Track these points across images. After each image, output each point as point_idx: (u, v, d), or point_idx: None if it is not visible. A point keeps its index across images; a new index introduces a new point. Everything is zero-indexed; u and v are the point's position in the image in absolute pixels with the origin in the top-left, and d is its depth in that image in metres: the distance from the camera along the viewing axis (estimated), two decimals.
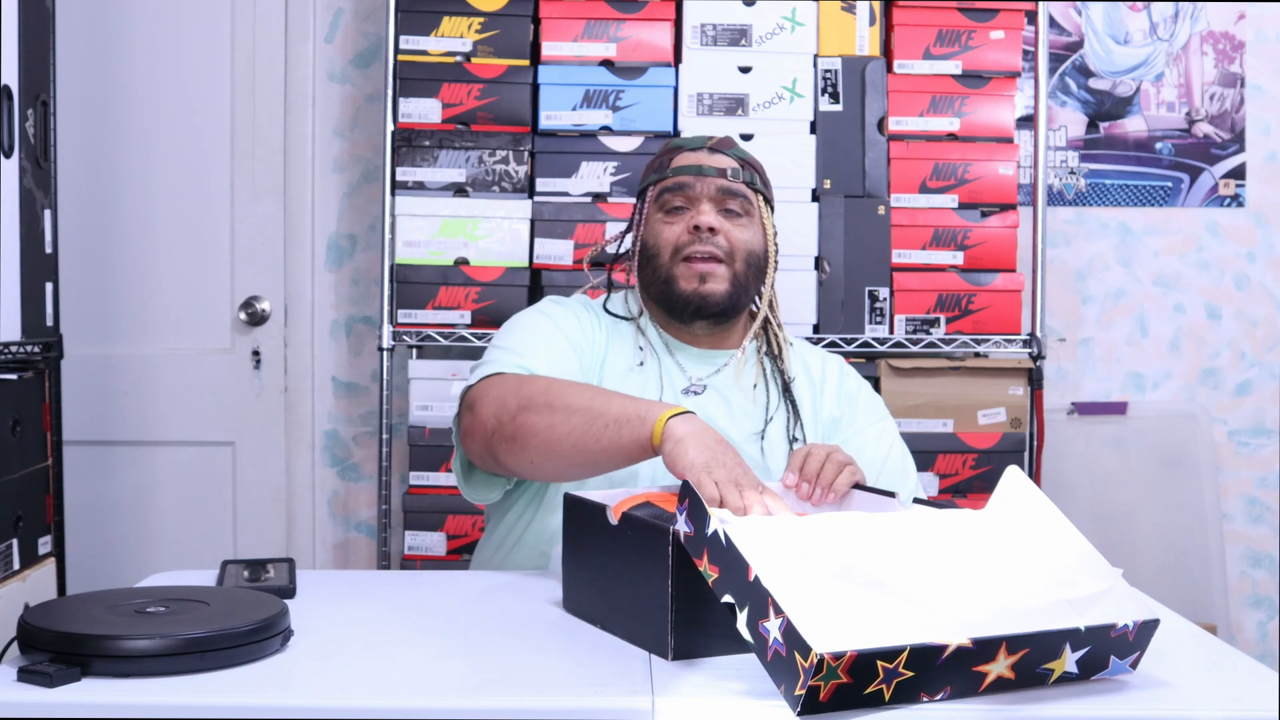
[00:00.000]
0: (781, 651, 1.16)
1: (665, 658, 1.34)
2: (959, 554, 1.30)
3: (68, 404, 2.58)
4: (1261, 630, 3.35)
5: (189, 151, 3.20)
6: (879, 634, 1.16)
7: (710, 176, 1.93)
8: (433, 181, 2.82)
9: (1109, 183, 3.32)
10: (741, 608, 1.21)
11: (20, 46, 2.33)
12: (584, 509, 1.50)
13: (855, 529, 1.31)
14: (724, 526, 1.24)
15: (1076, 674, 1.26)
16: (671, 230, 1.93)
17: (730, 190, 1.93)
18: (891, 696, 1.18)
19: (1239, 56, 3.33)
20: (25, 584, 2.24)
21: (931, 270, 2.87)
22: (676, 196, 1.94)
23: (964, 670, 1.20)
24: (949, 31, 2.89)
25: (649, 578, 1.36)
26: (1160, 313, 3.33)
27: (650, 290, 1.96)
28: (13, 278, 2.28)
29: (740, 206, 1.93)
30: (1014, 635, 1.20)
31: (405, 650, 1.38)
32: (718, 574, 1.25)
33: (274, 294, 3.22)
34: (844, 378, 2.04)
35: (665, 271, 1.92)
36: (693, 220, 1.91)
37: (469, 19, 2.83)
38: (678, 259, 1.91)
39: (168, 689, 1.23)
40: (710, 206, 1.92)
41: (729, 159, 1.96)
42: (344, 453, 3.26)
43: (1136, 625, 1.26)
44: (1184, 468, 3.24)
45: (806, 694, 1.14)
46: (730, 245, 1.91)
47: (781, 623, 1.16)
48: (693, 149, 1.97)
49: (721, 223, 1.91)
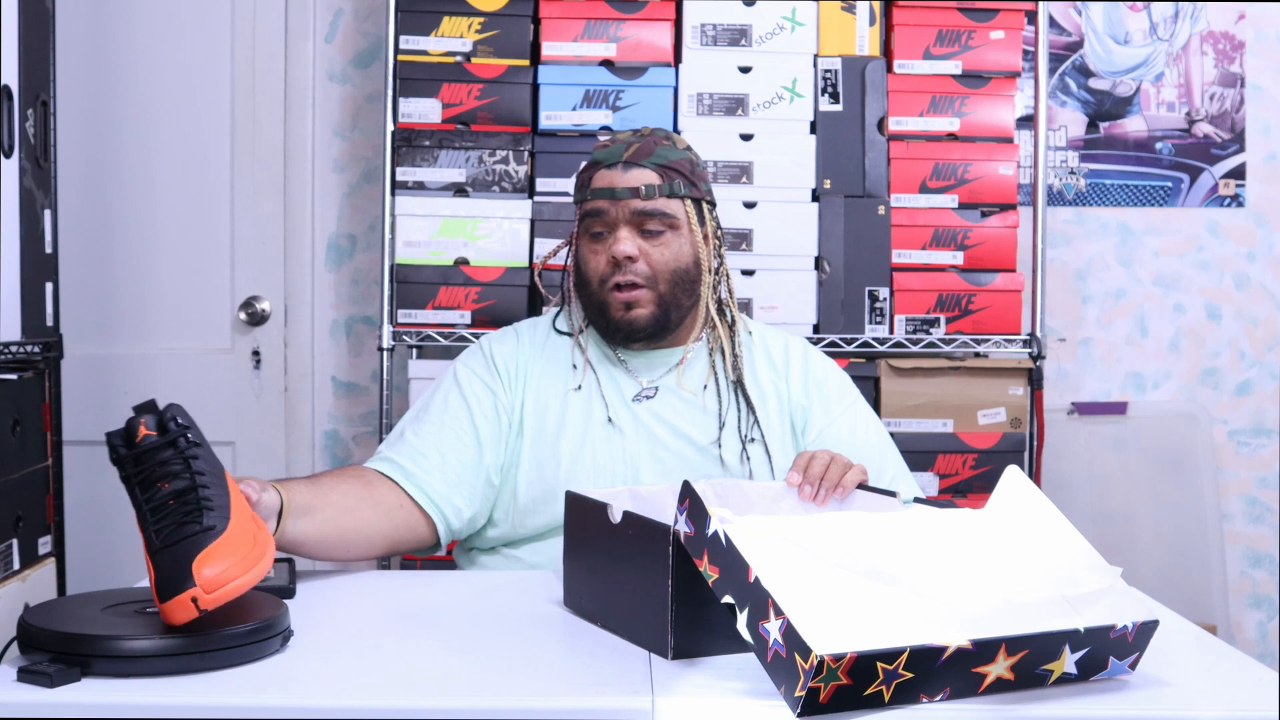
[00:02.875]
0: (782, 652, 1.16)
1: (665, 657, 1.34)
2: (958, 551, 1.30)
3: (68, 404, 2.58)
4: (1261, 630, 3.35)
5: (189, 151, 3.20)
6: (879, 635, 1.16)
7: (623, 199, 1.90)
8: (433, 181, 2.82)
9: (1109, 183, 3.32)
10: (742, 608, 1.21)
11: (20, 46, 2.33)
12: (586, 507, 1.50)
13: (855, 528, 1.31)
14: (724, 527, 1.24)
15: (1075, 675, 1.26)
16: (597, 260, 1.93)
17: (645, 211, 1.91)
18: (891, 698, 1.18)
19: (1239, 56, 3.33)
20: (25, 584, 2.24)
21: (931, 270, 2.87)
22: (596, 222, 1.93)
23: (964, 671, 1.20)
24: (949, 31, 2.89)
25: (650, 577, 1.36)
26: (1160, 313, 3.33)
27: (587, 313, 1.98)
28: (13, 278, 2.28)
29: (659, 224, 1.91)
30: (1013, 636, 1.20)
31: (405, 650, 1.38)
32: (718, 574, 1.25)
33: (274, 294, 3.22)
34: (809, 362, 2.02)
35: (596, 299, 1.94)
36: (610, 250, 1.90)
37: (469, 19, 2.83)
38: (605, 288, 1.92)
39: (168, 689, 1.23)
40: (628, 232, 1.91)
41: (645, 172, 1.91)
42: (344, 453, 3.26)
43: (1136, 626, 1.27)
44: (1184, 468, 3.24)
45: (806, 695, 1.14)
46: (652, 269, 1.91)
47: (781, 624, 1.16)
48: (609, 165, 1.93)
49: (640, 246, 1.90)
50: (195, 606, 1.27)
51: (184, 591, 1.27)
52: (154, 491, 1.35)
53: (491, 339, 2.03)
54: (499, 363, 1.97)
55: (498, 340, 2.02)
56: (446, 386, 1.96)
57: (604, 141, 1.99)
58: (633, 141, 1.95)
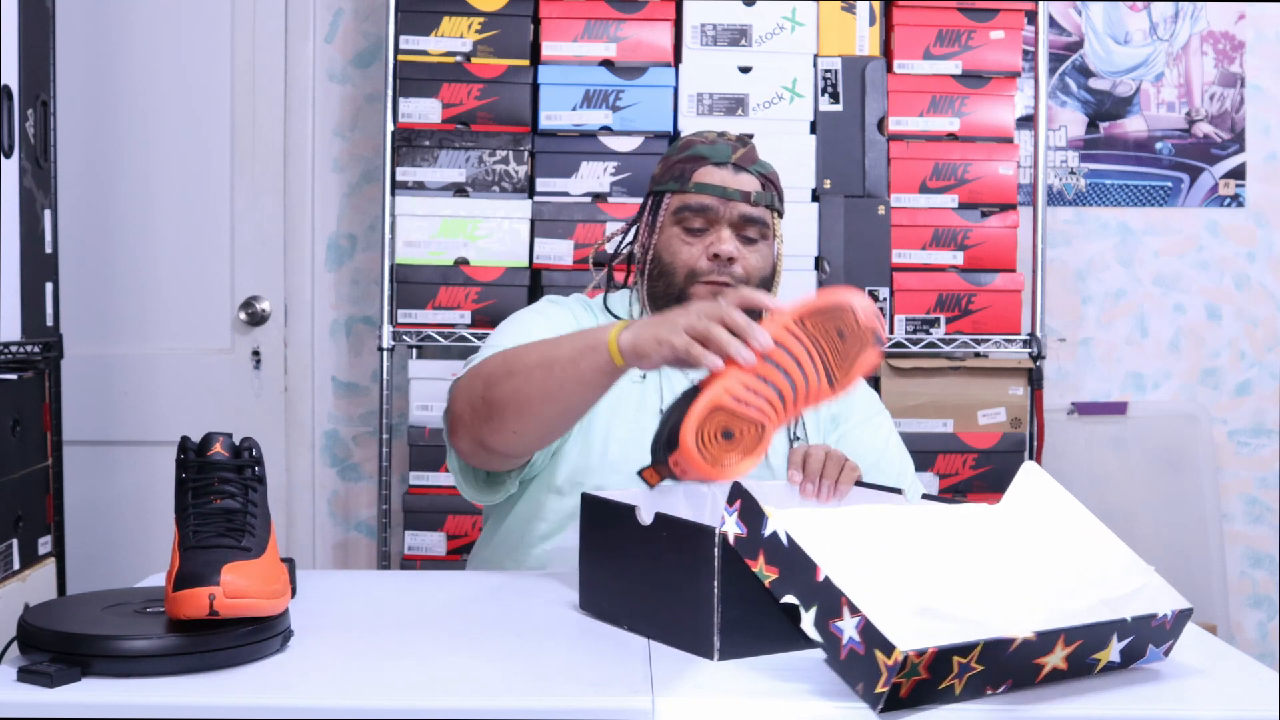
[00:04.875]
0: (859, 650, 1.17)
1: (710, 658, 1.34)
2: (996, 548, 1.34)
3: (68, 404, 2.58)
4: (1261, 630, 3.35)
5: (189, 151, 3.20)
6: (950, 630, 1.18)
7: (734, 201, 1.89)
8: (433, 181, 2.82)
9: (1109, 183, 3.32)
10: (808, 608, 1.22)
11: (20, 46, 2.33)
12: (608, 509, 1.49)
13: (898, 525, 1.33)
14: (785, 527, 1.25)
15: (1119, 663, 1.30)
16: (689, 252, 1.90)
17: (749, 217, 1.90)
18: (962, 690, 1.20)
19: (1239, 56, 3.33)
20: (25, 584, 2.24)
21: (931, 270, 2.87)
22: (696, 217, 1.90)
23: (1026, 662, 1.23)
24: (949, 31, 2.89)
25: (690, 578, 1.36)
26: (1160, 313, 3.33)
27: (658, 303, 1.93)
28: (13, 278, 2.28)
29: (756, 232, 1.91)
30: (1071, 627, 1.24)
31: (405, 650, 1.38)
32: (777, 574, 1.25)
33: (274, 294, 3.22)
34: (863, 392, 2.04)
35: (678, 290, 1.90)
36: (712, 248, 1.88)
37: (469, 19, 2.83)
38: (693, 281, 1.89)
39: (168, 689, 1.23)
40: (730, 233, 1.89)
41: (752, 178, 1.92)
42: (344, 453, 3.26)
43: (1174, 614, 1.32)
44: (1184, 468, 3.24)
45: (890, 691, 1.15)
46: (745, 273, 1.89)
47: (858, 622, 1.17)
48: (717, 163, 1.92)
49: (739, 249, 1.89)
50: (210, 604, 1.28)
51: (204, 587, 1.28)
52: (205, 502, 1.39)
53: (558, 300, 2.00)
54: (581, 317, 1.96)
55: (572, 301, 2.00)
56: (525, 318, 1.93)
57: (701, 137, 1.97)
58: (735, 145, 1.94)
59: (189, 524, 1.37)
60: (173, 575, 1.32)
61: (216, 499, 1.39)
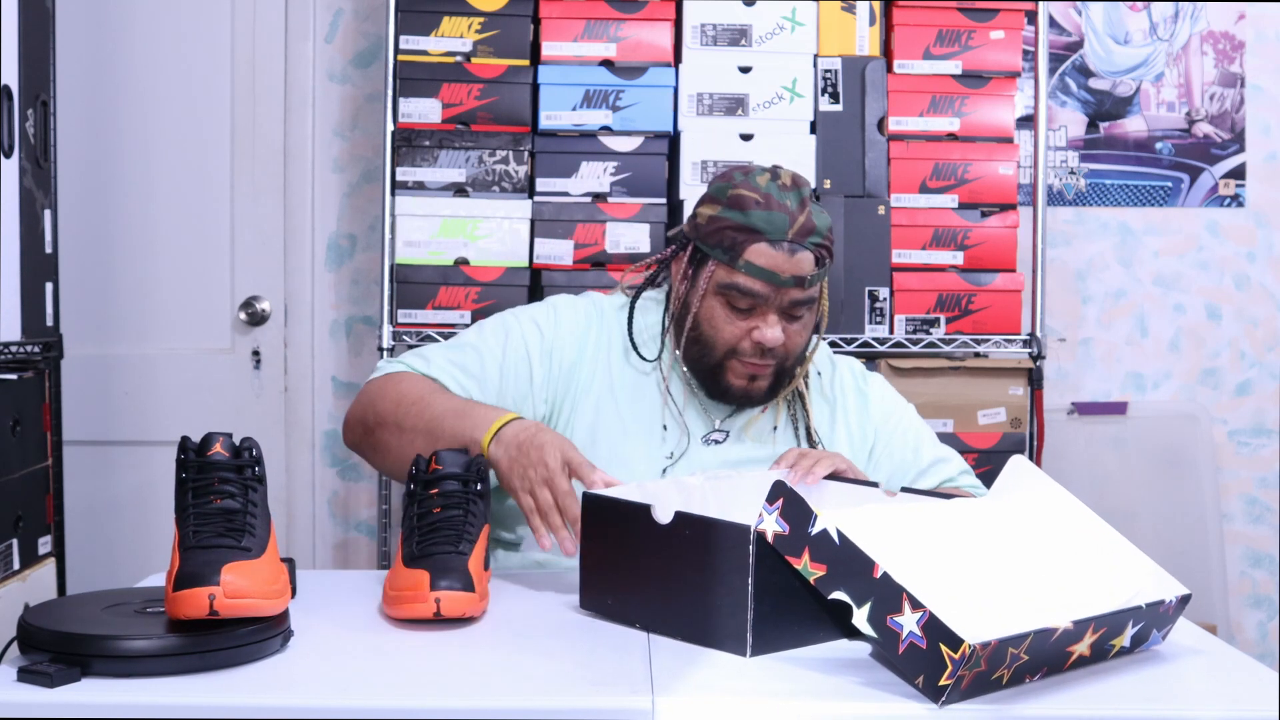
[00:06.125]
0: (920, 644, 1.19)
1: (742, 655, 1.35)
2: (1018, 547, 1.38)
3: (68, 404, 2.58)
4: (1261, 630, 3.35)
5: (189, 152, 3.20)
6: (999, 621, 1.21)
7: (787, 288, 1.77)
8: (433, 181, 2.82)
9: (1109, 183, 3.32)
10: (861, 604, 1.23)
11: (20, 46, 2.33)
12: (618, 509, 1.49)
13: (923, 522, 1.37)
14: (837, 525, 1.26)
15: (1129, 647, 1.34)
16: (731, 331, 1.80)
17: (799, 300, 1.79)
18: (1009, 680, 1.23)
19: (1239, 56, 3.33)
20: (25, 584, 2.24)
21: (931, 270, 2.87)
22: (744, 298, 1.78)
23: (1059, 651, 1.26)
24: (949, 31, 2.89)
25: (717, 576, 1.36)
26: (1160, 313, 3.33)
27: (691, 366, 1.86)
28: (13, 278, 2.28)
29: (804, 310, 1.82)
30: (1099, 615, 1.28)
31: (405, 650, 1.38)
32: (824, 571, 1.27)
33: (274, 294, 3.22)
34: (882, 390, 2.01)
35: (713, 362, 1.83)
36: (755, 335, 1.79)
37: (469, 19, 2.83)
38: (732, 357, 1.82)
39: (168, 689, 1.23)
40: (776, 317, 1.79)
41: (808, 255, 1.77)
42: (344, 453, 3.26)
43: (1177, 600, 1.38)
44: (1184, 468, 3.24)
45: (953, 684, 1.18)
46: (786, 352, 1.82)
47: (921, 616, 1.19)
48: (773, 241, 1.76)
49: (784, 333, 1.80)
50: (210, 605, 1.28)
51: (204, 587, 1.28)
52: (205, 502, 1.39)
53: (569, 305, 1.93)
54: (588, 333, 1.89)
55: (584, 312, 1.92)
56: (500, 326, 1.91)
57: (756, 191, 1.78)
58: (793, 213, 1.77)
59: (189, 524, 1.37)
60: (173, 575, 1.32)
61: (216, 499, 1.39)
